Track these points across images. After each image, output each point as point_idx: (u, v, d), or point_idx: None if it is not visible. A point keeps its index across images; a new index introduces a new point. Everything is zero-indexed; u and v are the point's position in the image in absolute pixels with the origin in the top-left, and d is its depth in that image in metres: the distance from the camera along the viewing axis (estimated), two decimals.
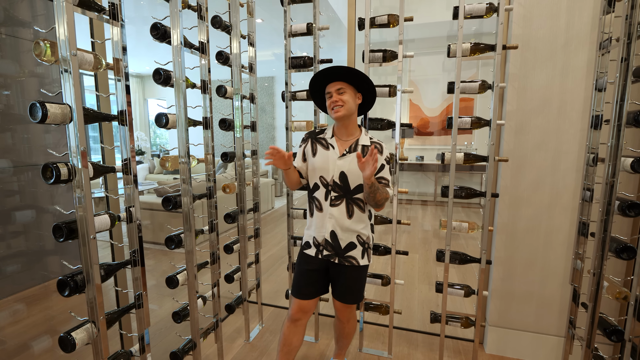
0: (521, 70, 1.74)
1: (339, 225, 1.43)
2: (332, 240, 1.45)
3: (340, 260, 1.45)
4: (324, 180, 1.44)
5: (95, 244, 1.10)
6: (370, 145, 1.44)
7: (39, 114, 0.98)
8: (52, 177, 1.03)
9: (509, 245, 1.87)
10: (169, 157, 1.52)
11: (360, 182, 1.42)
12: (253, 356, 1.97)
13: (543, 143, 1.76)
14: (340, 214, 1.43)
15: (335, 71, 1.39)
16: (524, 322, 1.90)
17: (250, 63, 2.02)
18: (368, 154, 1.24)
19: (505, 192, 1.84)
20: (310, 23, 1.91)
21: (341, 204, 1.43)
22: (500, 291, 1.92)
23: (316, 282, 1.51)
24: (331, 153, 1.45)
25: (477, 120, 1.71)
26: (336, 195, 1.43)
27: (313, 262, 1.49)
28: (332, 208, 1.43)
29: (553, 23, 1.67)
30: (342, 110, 1.40)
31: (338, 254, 1.45)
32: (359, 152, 1.27)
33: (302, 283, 1.51)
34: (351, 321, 1.64)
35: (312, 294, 1.51)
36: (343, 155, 1.43)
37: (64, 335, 1.09)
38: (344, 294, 1.52)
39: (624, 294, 1.40)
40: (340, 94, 1.40)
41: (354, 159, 1.41)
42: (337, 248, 1.45)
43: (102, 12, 1.15)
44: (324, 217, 1.45)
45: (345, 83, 1.41)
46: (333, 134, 1.49)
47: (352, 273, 1.48)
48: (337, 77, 1.41)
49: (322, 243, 1.46)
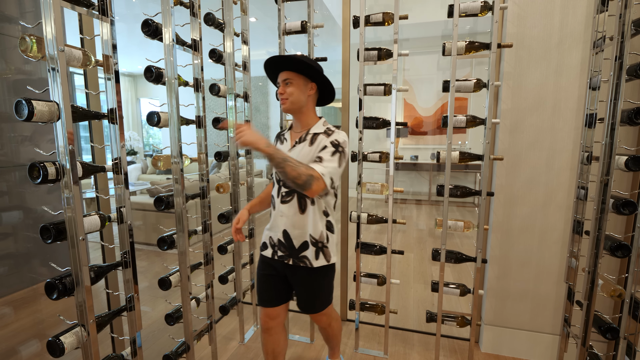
0: (516, 68, 1.75)
1: (291, 224, 1.34)
2: (285, 240, 1.36)
3: (295, 261, 1.36)
4: (277, 175, 1.37)
5: (84, 246, 1.07)
6: (322, 132, 1.33)
7: (25, 111, 0.95)
8: (39, 177, 1.00)
9: (504, 244, 1.88)
10: (161, 157, 1.49)
11: None
12: (248, 357, 1.94)
13: (538, 142, 1.77)
14: (291, 211, 1.33)
15: (282, 60, 1.29)
16: (520, 320, 1.91)
17: (244, 61, 2.00)
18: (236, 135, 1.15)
19: (501, 190, 1.84)
20: (304, 21, 1.89)
21: (292, 200, 1.33)
22: (496, 290, 1.92)
23: (276, 288, 1.43)
24: (284, 146, 1.40)
25: (472, 119, 1.70)
26: (287, 191, 1.34)
27: (270, 264, 1.42)
28: (282, 205, 1.35)
29: (547, 22, 1.68)
30: (287, 103, 1.31)
31: (291, 254, 1.36)
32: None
33: (262, 289, 1.44)
34: (332, 323, 1.57)
35: (274, 301, 1.44)
36: (293, 147, 1.35)
37: (52, 339, 1.05)
38: (306, 303, 1.43)
39: (618, 292, 1.41)
40: (286, 85, 1.31)
41: (303, 149, 1.31)
42: (291, 248, 1.36)
43: (91, 8, 1.11)
44: (276, 215, 1.37)
45: (294, 73, 1.30)
46: (290, 127, 1.45)
47: (308, 278, 1.37)
48: (285, 66, 1.31)
49: (277, 243, 1.38)
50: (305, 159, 1.29)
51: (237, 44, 1.94)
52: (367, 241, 1.97)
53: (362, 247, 1.96)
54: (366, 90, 1.83)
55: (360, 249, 1.95)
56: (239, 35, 1.95)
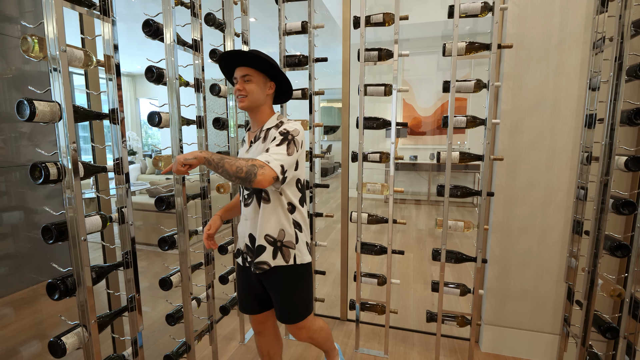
0: (516, 69, 1.75)
1: (252, 226, 1.27)
2: (251, 244, 1.29)
3: (254, 267, 1.26)
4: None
5: (86, 246, 1.07)
6: (274, 126, 1.24)
7: (27, 111, 0.95)
8: (40, 177, 1.00)
9: (504, 244, 1.88)
10: (162, 157, 1.49)
11: None
12: (248, 358, 1.94)
13: (537, 142, 1.77)
14: (252, 213, 1.27)
15: (241, 55, 1.21)
16: (519, 320, 1.91)
17: None
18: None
19: (501, 190, 1.85)
20: (305, 21, 1.89)
21: (253, 201, 1.26)
22: (496, 290, 1.93)
23: (254, 296, 1.37)
24: (243, 148, 1.36)
25: (473, 120, 1.71)
26: (247, 192, 1.28)
27: (245, 272, 1.36)
28: (245, 209, 1.29)
29: (547, 22, 1.68)
30: (246, 101, 1.23)
31: (253, 261, 1.28)
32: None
33: (242, 298, 1.42)
34: (313, 336, 1.41)
35: (255, 309, 1.39)
36: (250, 147, 1.30)
37: (54, 340, 1.05)
38: (280, 312, 1.32)
39: (618, 292, 1.41)
40: (245, 82, 1.22)
41: (257, 147, 1.25)
42: (253, 252, 1.28)
43: (92, 8, 1.12)
44: (242, 220, 1.32)
45: (253, 70, 1.23)
46: (248, 128, 1.38)
47: (275, 283, 1.28)
48: (244, 62, 1.23)
49: (244, 249, 1.32)
50: (256, 156, 1.20)
51: (238, 44, 1.94)
52: (367, 241, 1.97)
53: (362, 247, 1.96)
54: (366, 90, 1.83)
55: (361, 249, 1.96)
56: (239, 35, 1.95)
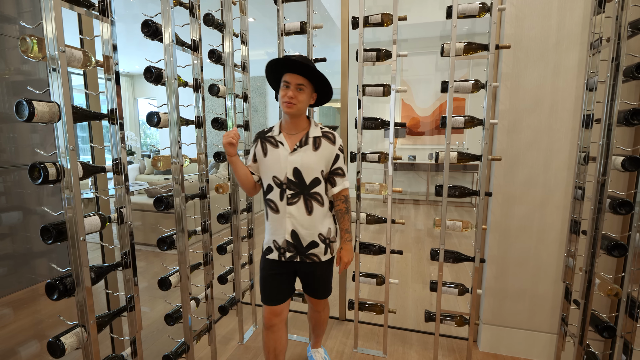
0: (514, 69, 1.76)
1: (299, 224, 1.39)
2: (293, 240, 1.40)
3: (302, 258, 1.42)
4: (277, 179, 1.39)
5: (85, 246, 1.07)
6: (322, 136, 1.41)
7: (26, 112, 0.95)
8: (39, 178, 1.00)
9: (502, 244, 1.89)
10: (161, 157, 1.49)
11: (315, 175, 1.38)
12: (247, 357, 1.94)
13: (535, 142, 1.78)
14: (299, 211, 1.38)
15: (303, 67, 1.30)
16: (517, 319, 1.92)
17: (242, 62, 2.00)
18: (340, 267, 1.46)
19: (499, 190, 1.85)
20: (303, 22, 1.90)
21: (299, 202, 1.38)
22: (494, 289, 1.93)
23: (283, 285, 1.48)
24: (281, 150, 1.39)
25: (471, 120, 1.72)
26: (292, 193, 1.38)
27: (277, 266, 1.45)
28: (289, 207, 1.38)
29: (544, 23, 1.69)
30: (294, 109, 1.34)
31: (300, 252, 1.42)
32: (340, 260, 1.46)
33: (268, 289, 1.47)
34: (326, 308, 1.68)
35: (281, 299, 1.47)
36: (294, 151, 1.38)
37: (52, 340, 1.05)
38: (316, 290, 1.54)
39: (615, 291, 1.42)
40: (298, 91, 1.33)
41: (306, 153, 1.38)
42: (299, 247, 1.41)
43: (91, 8, 1.12)
44: (282, 218, 1.39)
45: (307, 81, 1.34)
46: (280, 130, 1.44)
47: (318, 269, 1.46)
48: (302, 72, 1.32)
49: (283, 245, 1.41)
50: (311, 162, 1.37)
51: (236, 45, 1.94)
52: (365, 241, 1.98)
53: (361, 247, 1.96)
54: (365, 91, 1.84)
55: (360, 248, 1.96)
56: (237, 35, 1.95)
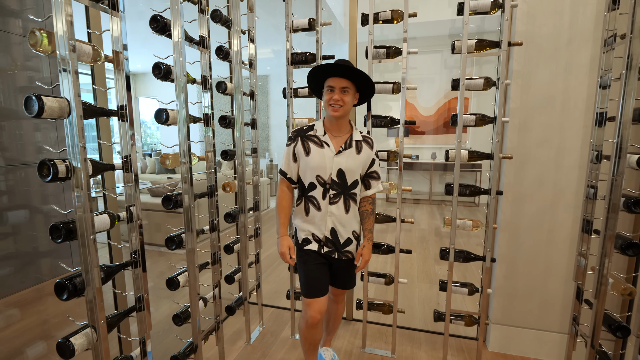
0: (525, 67, 1.74)
1: (339, 222, 1.46)
2: (332, 237, 1.47)
3: (339, 255, 1.50)
4: (321, 179, 1.43)
5: (95, 245, 1.05)
6: (362, 140, 1.48)
7: (35, 107, 0.93)
8: (49, 175, 0.98)
9: (512, 243, 1.87)
10: (169, 155, 1.47)
11: (355, 177, 1.46)
12: (255, 358, 1.93)
13: (546, 140, 1.76)
14: (339, 210, 1.45)
15: (348, 70, 1.35)
16: (527, 319, 1.91)
17: (250, 59, 1.98)
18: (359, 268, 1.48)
19: (509, 189, 1.84)
20: (312, 18, 1.88)
21: (339, 201, 1.45)
22: (504, 289, 1.92)
23: (327, 275, 1.52)
24: (327, 151, 1.43)
25: (482, 118, 1.70)
26: (335, 193, 1.44)
27: (318, 256, 1.49)
28: (331, 206, 1.45)
29: (557, 20, 1.67)
30: (341, 111, 1.38)
31: (337, 249, 1.49)
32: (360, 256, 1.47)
33: (316, 279, 1.48)
34: (343, 301, 1.73)
35: (326, 289, 1.51)
36: (339, 152, 1.43)
37: (62, 341, 1.03)
38: (344, 282, 1.61)
39: (629, 290, 1.40)
40: (343, 93, 1.38)
41: (350, 155, 1.44)
42: (337, 244, 1.48)
43: (100, 2, 1.09)
44: (323, 216, 1.45)
45: (351, 83, 1.39)
46: (325, 130, 1.47)
47: (350, 264, 1.55)
48: (346, 74, 1.37)
49: (323, 240, 1.48)
50: (354, 165, 1.44)
51: (244, 42, 1.92)
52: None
53: None
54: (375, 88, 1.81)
55: None
56: (245, 32, 1.93)
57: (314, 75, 1.45)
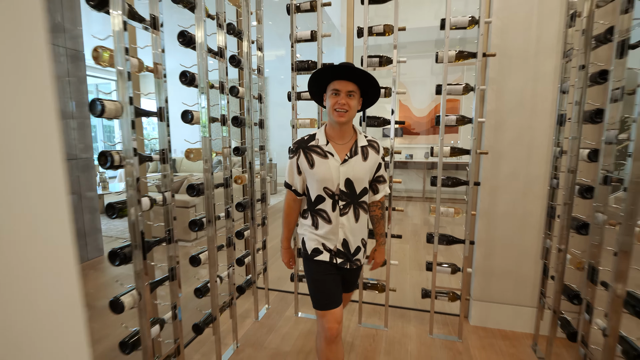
0: (499, 75, 2.00)
1: (350, 232, 1.41)
2: (343, 248, 1.42)
3: (351, 265, 1.46)
4: (329, 191, 1.37)
5: (141, 221, 1.28)
6: (368, 145, 1.42)
7: (99, 108, 1.17)
8: (106, 163, 1.22)
9: (490, 228, 2.13)
10: (193, 150, 1.71)
11: (364, 185, 1.40)
12: (262, 332, 2.17)
13: (518, 138, 2.03)
14: (349, 221, 1.40)
15: (354, 72, 1.29)
16: (504, 295, 2.17)
17: (258, 66, 2.22)
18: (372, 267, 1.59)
19: (486, 181, 2.10)
20: (314, 31, 2.13)
21: (349, 211, 1.40)
22: (483, 269, 2.18)
23: (340, 286, 1.47)
24: (332, 161, 1.36)
25: (462, 118, 1.96)
26: (344, 203, 1.38)
27: (329, 267, 1.43)
28: (342, 218, 1.39)
29: (526, 34, 1.94)
30: (346, 117, 1.31)
31: (349, 259, 1.44)
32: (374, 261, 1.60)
33: (329, 292, 1.41)
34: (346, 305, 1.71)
35: (340, 299, 1.45)
36: (345, 161, 1.37)
37: (114, 299, 1.27)
38: (350, 287, 1.62)
39: (582, 264, 1.67)
40: (349, 98, 1.31)
41: (357, 163, 1.37)
42: (348, 254, 1.43)
43: (143, 22, 1.33)
44: (334, 228, 1.40)
45: (357, 87, 1.33)
46: (327, 139, 1.39)
47: (358, 271, 1.56)
48: (352, 77, 1.31)
49: (335, 250, 1.42)
50: (362, 173, 1.38)
51: (253, 50, 2.16)
52: None
53: None
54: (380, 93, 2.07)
55: None
56: (254, 42, 2.17)
57: (316, 79, 1.37)
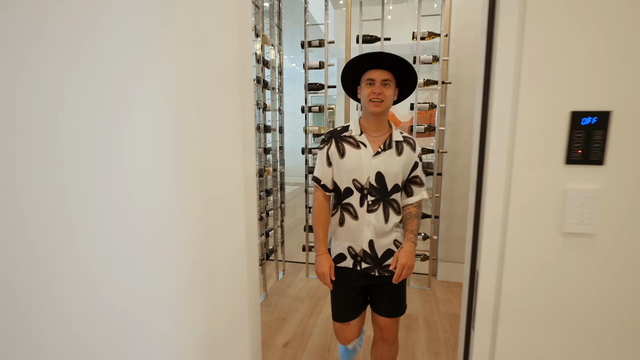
0: (455, 96, 2.79)
1: (377, 233, 1.28)
2: (370, 250, 1.29)
3: (380, 271, 1.30)
4: (358, 183, 1.27)
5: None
6: (403, 140, 1.31)
7: None
8: None
9: (450, 206, 2.92)
10: None
11: (396, 181, 1.29)
12: (283, 287, 2.89)
13: (469, 141, 2.82)
14: (377, 219, 1.27)
15: (390, 58, 1.20)
16: (461, 257, 2.95)
17: (279, 85, 2.96)
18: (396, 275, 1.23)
19: (447, 172, 2.88)
20: (322, 61, 2.88)
21: (379, 209, 1.28)
22: (445, 237, 2.96)
23: (358, 301, 1.37)
24: (364, 152, 1.27)
25: (429, 127, 2.74)
26: (373, 199, 1.27)
27: (351, 277, 1.33)
28: (369, 214, 1.27)
29: (473, 67, 2.74)
30: (382, 106, 1.23)
31: (376, 264, 1.30)
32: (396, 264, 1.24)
33: (345, 306, 1.36)
34: (396, 341, 1.44)
35: (358, 312, 1.38)
36: (377, 154, 1.27)
37: None
38: (390, 307, 1.35)
39: None
40: (384, 87, 1.23)
41: (390, 157, 1.27)
42: (375, 258, 1.29)
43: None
44: (360, 225, 1.28)
45: (392, 75, 1.24)
46: (361, 130, 1.30)
47: (390, 281, 1.30)
48: (387, 65, 1.22)
49: (360, 254, 1.30)
50: (395, 168, 1.27)
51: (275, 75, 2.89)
52: None
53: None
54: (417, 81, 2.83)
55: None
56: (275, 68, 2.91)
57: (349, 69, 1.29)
